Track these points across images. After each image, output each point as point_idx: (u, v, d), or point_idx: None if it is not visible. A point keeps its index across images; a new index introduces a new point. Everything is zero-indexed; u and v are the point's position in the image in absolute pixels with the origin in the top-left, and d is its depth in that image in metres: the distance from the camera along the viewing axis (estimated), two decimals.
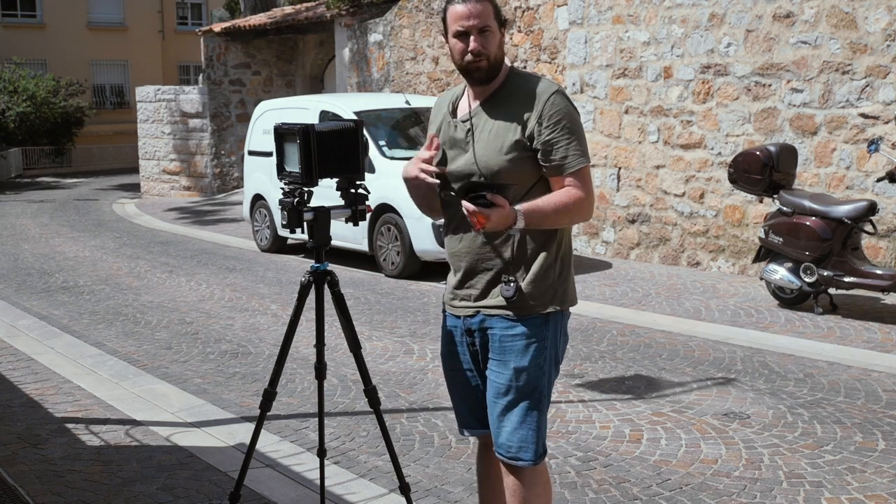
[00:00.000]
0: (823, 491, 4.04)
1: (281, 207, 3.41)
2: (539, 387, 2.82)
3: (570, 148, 2.77)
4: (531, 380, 2.80)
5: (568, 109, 2.81)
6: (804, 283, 7.36)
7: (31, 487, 4.18)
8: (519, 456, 2.82)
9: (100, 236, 13.69)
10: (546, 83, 2.85)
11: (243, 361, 6.45)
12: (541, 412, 2.84)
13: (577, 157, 2.78)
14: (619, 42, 10.17)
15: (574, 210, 2.78)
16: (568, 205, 2.76)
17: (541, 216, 2.72)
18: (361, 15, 15.06)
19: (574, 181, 2.78)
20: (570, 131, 2.78)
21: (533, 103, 2.78)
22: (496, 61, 2.80)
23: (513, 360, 2.80)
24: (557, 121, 2.77)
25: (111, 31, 34.56)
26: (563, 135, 2.77)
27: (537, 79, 2.87)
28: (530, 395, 2.81)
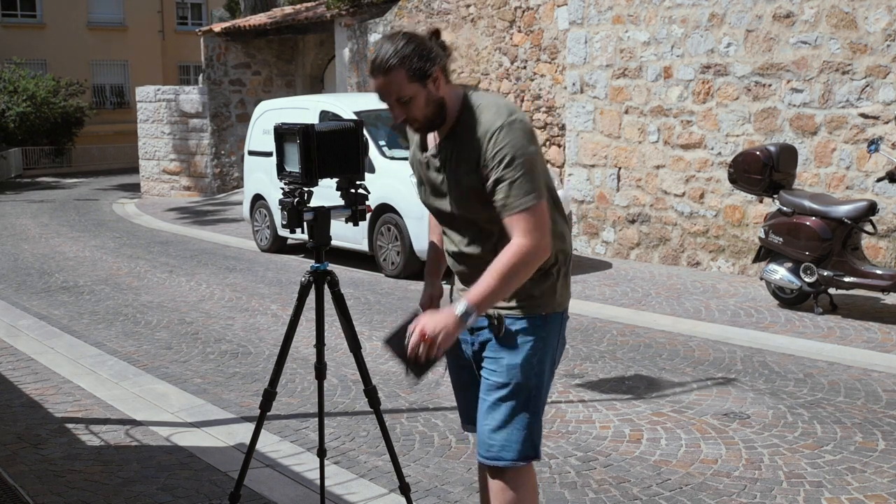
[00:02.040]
0: (823, 491, 4.04)
1: (281, 207, 3.41)
2: (529, 386, 2.75)
3: (514, 187, 2.56)
4: (522, 378, 2.73)
5: (513, 143, 2.56)
6: (804, 283, 7.36)
7: (31, 487, 4.18)
8: (500, 455, 2.75)
9: (100, 236, 13.68)
10: (491, 117, 2.61)
11: (243, 361, 6.45)
12: (530, 413, 2.76)
13: (518, 196, 2.56)
14: (619, 42, 10.17)
15: (522, 265, 2.57)
16: (514, 265, 2.56)
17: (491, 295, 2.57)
18: (361, 15, 15.07)
19: (518, 224, 2.57)
20: (515, 169, 2.56)
21: (480, 143, 2.60)
22: (433, 114, 2.66)
23: (506, 357, 2.74)
24: (500, 159, 2.56)
25: (111, 31, 34.56)
26: (504, 172, 2.56)
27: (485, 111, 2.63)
28: (518, 394, 2.74)
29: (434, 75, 2.62)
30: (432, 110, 2.66)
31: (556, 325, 2.81)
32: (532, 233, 2.56)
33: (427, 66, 2.61)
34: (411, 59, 2.59)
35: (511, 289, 2.61)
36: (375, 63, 2.62)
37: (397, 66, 2.60)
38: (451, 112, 2.68)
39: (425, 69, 2.60)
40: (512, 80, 12.40)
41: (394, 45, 2.60)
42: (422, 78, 2.61)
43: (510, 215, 2.58)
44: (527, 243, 2.56)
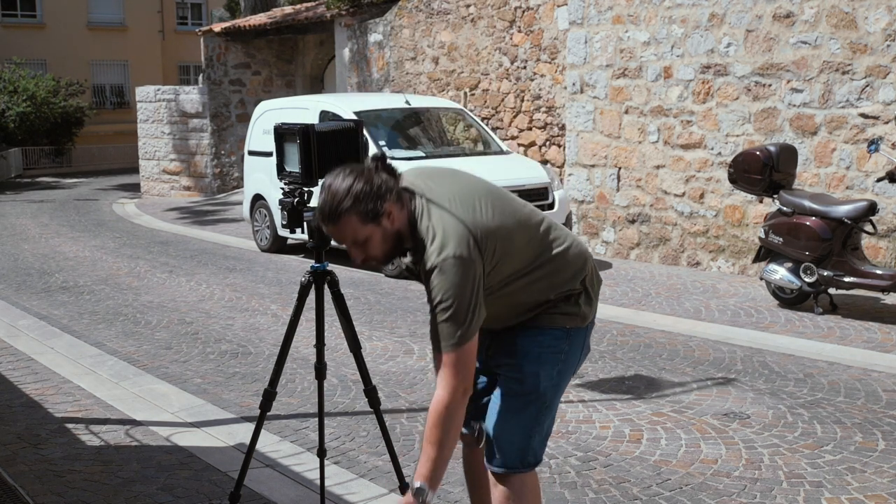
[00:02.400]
0: (823, 491, 4.04)
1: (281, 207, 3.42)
2: (545, 396, 2.77)
3: (442, 329, 2.54)
4: (540, 387, 2.75)
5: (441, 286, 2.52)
6: (804, 283, 7.36)
7: (31, 487, 4.18)
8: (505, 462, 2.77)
9: (100, 236, 13.68)
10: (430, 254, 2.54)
11: (243, 361, 6.45)
12: (539, 423, 2.79)
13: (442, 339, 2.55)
14: (619, 42, 10.16)
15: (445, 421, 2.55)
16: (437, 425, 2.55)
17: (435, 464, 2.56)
18: (361, 15, 15.07)
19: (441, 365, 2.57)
20: (442, 311, 2.53)
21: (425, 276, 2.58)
22: (392, 249, 2.64)
23: (527, 365, 2.75)
24: (433, 301, 2.55)
25: (111, 31, 34.56)
26: (437, 315, 2.55)
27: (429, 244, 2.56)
28: (532, 403, 2.76)
29: (386, 212, 2.56)
30: (391, 245, 2.63)
31: (581, 339, 2.82)
32: (447, 379, 2.55)
33: (379, 206, 2.55)
34: (362, 202, 2.54)
35: (451, 443, 2.58)
36: (324, 212, 2.57)
37: (348, 211, 2.54)
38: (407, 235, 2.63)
39: (378, 209, 2.55)
40: (512, 80, 12.40)
41: (341, 189, 2.55)
42: (375, 218, 2.56)
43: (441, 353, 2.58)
44: (442, 394, 2.55)
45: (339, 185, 2.55)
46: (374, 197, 2.54)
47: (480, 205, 2.64)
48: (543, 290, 2.73)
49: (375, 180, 2.56)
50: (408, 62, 13.93)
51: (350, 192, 2.54)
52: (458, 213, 2.58)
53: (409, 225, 2.61)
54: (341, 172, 2.59)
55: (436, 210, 2.60)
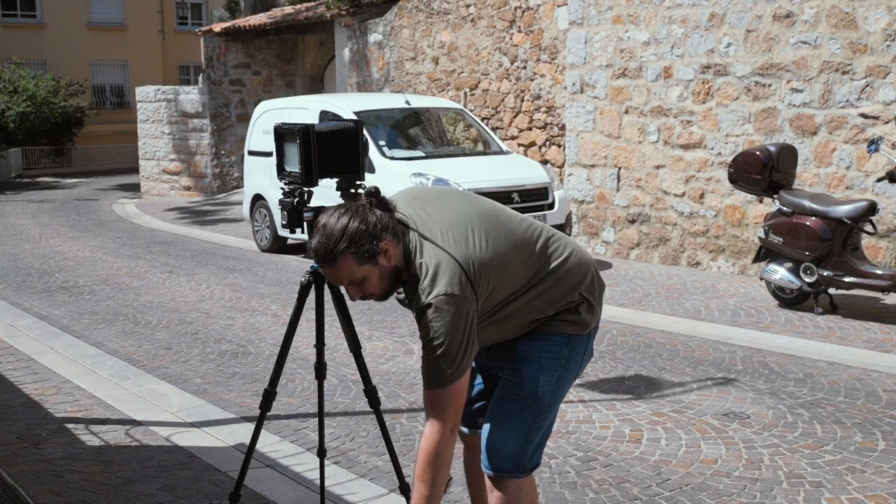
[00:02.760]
0: (823, 491, 4.04)
1: (281, 207, 3.42)
2: (543, 402, 2.75)
3: (427, 369, 2.54)
4: (539, 393, 2.74)
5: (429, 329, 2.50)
6: (804, 283, 7.36)
7: (31, 487, 4.18)
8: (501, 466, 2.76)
9: (100, 236, 13.69)
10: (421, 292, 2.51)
11: (243, 361, 6.45)
12: (536, 428, 2.76)
13: (429, 377, 2.54)
14: (619, 42, 10.16)
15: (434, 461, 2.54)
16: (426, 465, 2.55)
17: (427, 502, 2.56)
18: (361, 15, 15.07)
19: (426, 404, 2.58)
20: (429, 351, 2.51)
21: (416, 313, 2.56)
22: (389, 286, 2.62)
23: (525, 369, 2.74)
24: (422, 339, 2.54)
25: (111, 31, 34.57)
26: (424, 354, 2.55)
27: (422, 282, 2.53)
28: (530, 408, 2.74)
29: (383, 251, 2.52)
30: (388, 282, 2.60)
31: (582, 346, 2.80)
32: (437, 417, 2.54)
33: (375, 246, 2.50)
34: (358, 243, 2.49)
35: (442, 480, 2.58)
36: (320, 253, 2.53)
37: (344, 252, 2.50)
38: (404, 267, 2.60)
39: (374, 249, 2.51)
40: (512, 80, 12.40)
41: (336, 229, 2.51)
42: (372, 258, 2.52)
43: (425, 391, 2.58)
44: (431, 433, 2.54)
45: (335, 226, 2.51)
46: (369, 237, 2.50)
47: (474, 235, 2.60)
48: (541, 307, 2.71)
49: (371, 218, 2.51)
50: (408, 62, 13.93)
51: (345, 232, 2.50)
52: (451, 249, 2.54)
53: (403, 259, 2.58)
54: (336, 211, 2.55)
55: (428, 245, 2.55)
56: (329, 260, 2.53)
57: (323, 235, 2.52)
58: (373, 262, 2.53)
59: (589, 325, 2.79)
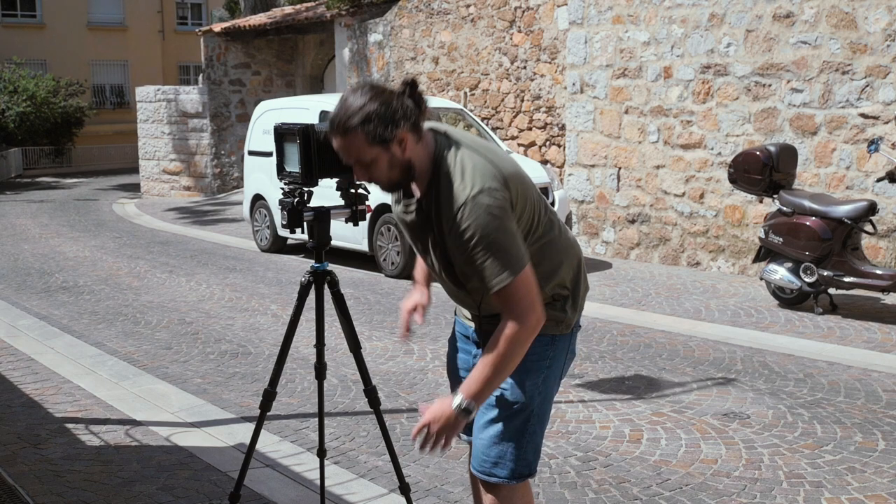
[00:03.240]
0: (823, 491, 4.04)
1: (281, 207, 3.41)
2: (532, 406, 2.68)
3: (487, 267, 2.43)
4: (526, 397, 2.66)
5: (479, 222, 2.41)
6: (804, 283, 7.36)
7: (31, 487, 4.18)
8: (494, 472, 2.69)
9: (100, 236, 13.69)
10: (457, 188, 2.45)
11: (243, 361, 6.45)
12: (529, 433, 2.69)
13: (494, 276, 2.44)
14: (619, 42, 10.17)
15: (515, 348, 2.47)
16: (506, 352, 2.46)
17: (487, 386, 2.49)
18: (361, 15, 15.07)
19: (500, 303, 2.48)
20: (485, 247, 2.42)
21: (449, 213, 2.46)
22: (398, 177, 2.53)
23: (512, 375, 2.64)
24: (469, 237, 2.43)
25: (111, 31, 34.57)
26: (477, 252, 2.43)
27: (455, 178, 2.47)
28: (520, 413, 2.67)
29: (398, 139, 2.45)
30: (397, 173, 2.51)
31: (565, 345, 2.75)
32: (515, 312, 2.46)
33: (388, 131, 2.42)
34: (371, 122, 2.42)
35: (508, 372, 2.52)
36: (334, 122, 2.47)
37: (355, 128, 2.43)
38: (424, 169, 2.53)
39: (386, 134, 2.43)
40: (512, 80, 12.40)
41: (354, 105, 2.44)
42: (383, 142, 2.44)
43: (491, 294, 2.47)
44: (514, 325, 2.46)
45: (354, 102, 2.44)
46: (385, 120, 2.42)
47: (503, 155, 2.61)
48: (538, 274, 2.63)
49: (394, 104, 2.43)
50: (408, 62, 13.93)
51: (362, 109, 2.42)
52: (486, 155, 2.52)
53: (431, 162, 2.52)
54: (361, 88, 2.47)
55: (463, 149, 2.52)
56: (340, 132, 2.47)
57: (341, 108, 2.46)
58: (384, 147, 2.45)
59: (571, 324, 2.74)
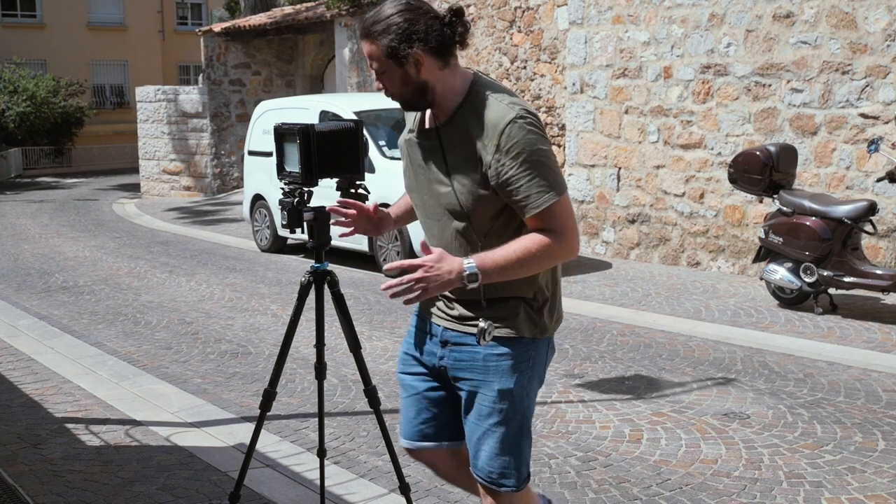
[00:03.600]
0: (823, 491, 4.04)
1: (281, 207, 3.41)
2: (523, 410, 2.64)
3: (533, 185, 2.41)
4: (516, 403, 2.61)
5: (527, 140, 2.40)
6: (804, 283, 7.36)
7: (31, 487, 4.18)
8: (501, 482, 2.65)
9: (100, 236, 13.69)
10: (502, 110, 2.44)
11: (243, 361, 6.45)
12: (524, 436, 2.67)
13: (540, 194, 2.41)
14: (619, 42, 10.17)
15: (543, 257, 2.45)
16: (534, 253, 2.44)
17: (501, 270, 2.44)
18: (361, 15, 15.07)
19: (541, 222, 2.44)
20: (532, 165, 2.40)
21: (487, 135, 2.43)
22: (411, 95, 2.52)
23: (497, 382, 2.59)
24: (515, 155, 2.40)
25: (111, 31, 34.58)
26: (522, 171, 2.41)
27: (495, 102, 2.46)
28: (513, 419, 2.62)
29: (413, 58, 2.44)
30: (410, 91, 2.51)
31: (546, 344, 2.68)
32: (563, 229, 2.45)
33: (403, 48, 2.43)
34: (388, 35, 2.43)
35: (522, 274, 2.48)
36: (362, 26, 2.51)
37: (374, 37, 2.45)
38: (450, 97, 2.52)
39: (399, 50, 2.43)
40: (512, 80, 12.39)
41: (383, 14, 2.45)
42: (396, 57, 2.45)
43: (532, 214, 2.44)
44: (556, 240, 2.45)
45: (385, 10, 2.47)
46: (402, 37, 2.42)
47: None
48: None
49: (419, 24, 2.43)
50: None
51: (386, 20, 2.44)
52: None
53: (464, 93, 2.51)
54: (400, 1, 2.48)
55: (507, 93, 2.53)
56: (364, 36, 2.50)
57: (373, 13, 2.49)
58: (397, 62, 2.46)
59: (548, 329, 2.65)
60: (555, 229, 2.45)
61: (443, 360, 2.68)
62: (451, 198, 2.53)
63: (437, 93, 2.51)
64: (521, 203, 2.44)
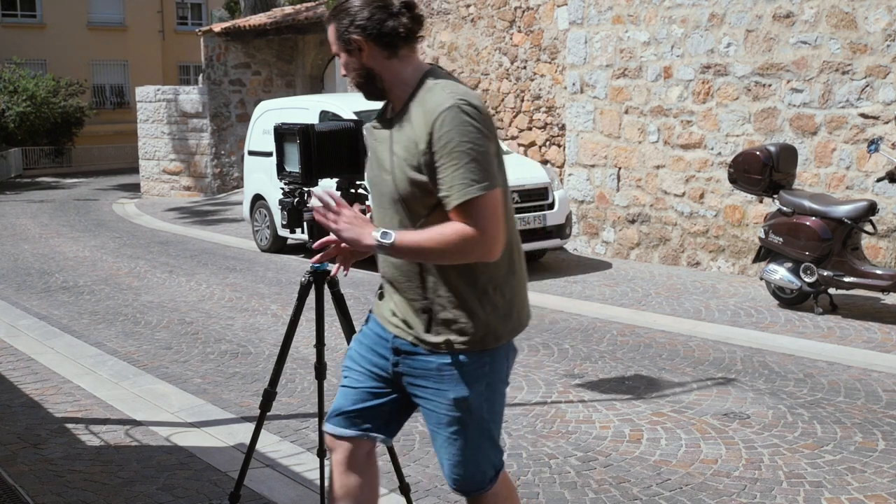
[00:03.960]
0: (823, 491, 4.04)
1: (281, 207, 3.42)
2: (481, 415, 2.58)
3: (457, 176, 2.35)
4: (473, 410, 2.56)
5: (459, 130, 2.35)
6: (804, 283, 7.36)
7: (31, 487, 4.18)
8: (469, 489, 2.65)
9: (100, 236, 13.69)
10: (442, 98, 2.41)
11: (243, 361, 6.45)
12: (487, 439, 2.62)
13: (463, 186, 2.35)
14: (619, 42, 10.17)
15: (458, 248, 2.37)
16: (449, 240, 2.37)
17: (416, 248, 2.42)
18: None
19: (462, 216, 2.37)
20: (459, 156, 2.34)
21: (426, 122, 2.40)
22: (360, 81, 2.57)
23: (451, 391, 2.54)
24: (444, 144, 2.36)
25: (111, 31, 34.58)
26: (449, 160, 2.36)
27: (439, 91, 2.45)
28: (470, 426, 2.57)
29: (355, 44, 2.51)
30: (357, 77, 2.57)
31: (502, 353, 2.61)
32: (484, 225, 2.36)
33: (347, 33, 2.51)
34: (340, 20, 2.53)
35: (437, 261, 2.45)
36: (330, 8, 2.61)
37: (331, 20, 2.56)
38: (401, 87, 2.53)
39: (345, 35, 2.51)
40: (512, 80, 12.39)
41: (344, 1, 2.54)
42: (343, 41, 2.53)
43: (452, 206, 2.37)
44: (476, 234, 2.36)
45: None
46: (349, 23, 2.51)
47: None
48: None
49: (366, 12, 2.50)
50: None
51: (343, 5, 2.53)
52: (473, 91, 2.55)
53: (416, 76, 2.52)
54: None
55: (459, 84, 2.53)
56: (327, 19, 2.61)
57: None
58: (345, 47, 2.55)
59: (502, 338, 2.58)
60: (475, 226, 2.37)
61: (398, 366, 2.65)
62: (391, 186, 2.52)
63: (386, 82, 2.55)
64: (444, 194, 2.40)
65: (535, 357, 6.33)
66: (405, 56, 2.54)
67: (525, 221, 9.31)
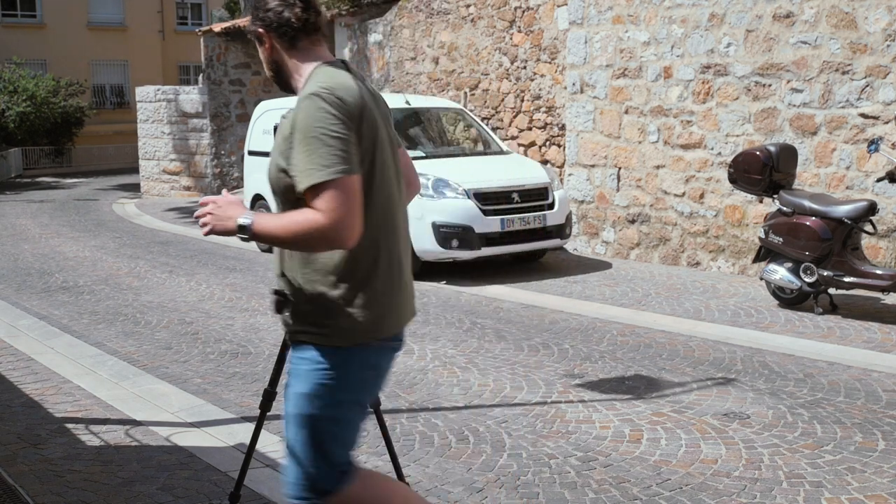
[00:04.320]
0: (823, 491, 4.04)
1: None
2: (318, 419, 2.49)
3: (306, 161, 2.33)
4: (308, 409, 2.48)
5: (313, 116, 2.36)
6: (804, 283, 7.36)
7: (31, 487, 4.18)
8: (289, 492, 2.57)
9: (100, 236, 13.69)
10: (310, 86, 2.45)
11: (243, 361, 6.45)
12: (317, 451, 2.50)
13: (311, 172, 2.33)
14: (619, 42, 10.17)
15: (307, 234, 2.34)
16: (299, 224, 2.34)
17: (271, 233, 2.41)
18: (361, 15, 15.07)
19: (310, 202, 2.35)
20: (310, 141, 2.34)
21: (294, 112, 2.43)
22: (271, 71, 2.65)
23: (293, 385, 2.53)
24: (298, 129, 2.37)
25: (111, 31, 34.59)
26: (300, 146, 2.36)
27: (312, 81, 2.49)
28: (303, 427, 2.50)
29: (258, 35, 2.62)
30: (268, 68, 2.67)
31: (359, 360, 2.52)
32: (330, 213, 2.32)
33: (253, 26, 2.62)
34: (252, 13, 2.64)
35: (292, 247, 2.44)
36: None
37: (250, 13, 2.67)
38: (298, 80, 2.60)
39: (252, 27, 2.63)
40: (512, 80, 12.40)
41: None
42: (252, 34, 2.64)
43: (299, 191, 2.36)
44: (322, 221, 2.32)
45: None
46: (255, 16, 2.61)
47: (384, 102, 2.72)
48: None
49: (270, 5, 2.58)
50: (408, 62, 13.93)
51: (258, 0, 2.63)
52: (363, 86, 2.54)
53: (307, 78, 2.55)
54: None
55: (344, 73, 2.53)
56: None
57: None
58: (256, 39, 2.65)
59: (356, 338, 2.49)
60: (322, 211, 2.33)
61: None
62: (271, 175, 2.53)
63: (287, 74, 2.63)
64: (295, 178, 2.38)
65: (535, 357, 6.34)
66: (305, 48, 2.60)
67: (525, 221, 9.31)
